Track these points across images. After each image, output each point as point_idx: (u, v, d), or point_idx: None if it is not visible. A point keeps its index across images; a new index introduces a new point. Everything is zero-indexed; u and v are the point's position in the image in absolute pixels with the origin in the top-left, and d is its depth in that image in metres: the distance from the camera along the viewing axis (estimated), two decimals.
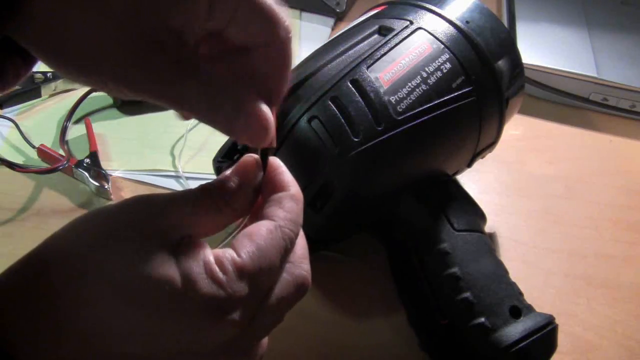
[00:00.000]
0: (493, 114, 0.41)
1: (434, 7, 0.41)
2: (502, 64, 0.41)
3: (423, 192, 0.40)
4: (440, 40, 0.40)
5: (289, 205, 0.26)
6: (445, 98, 0.38)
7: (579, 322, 0.43)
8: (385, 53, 0.38)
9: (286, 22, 0.26)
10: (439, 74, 0.38)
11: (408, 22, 0.40)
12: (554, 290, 0.45)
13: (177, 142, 0.54)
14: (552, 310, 0.37)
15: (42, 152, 0.51)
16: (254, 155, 0.27)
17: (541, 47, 0.64)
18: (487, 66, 0.40)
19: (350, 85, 0.37)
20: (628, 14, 0.71)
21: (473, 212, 0.40)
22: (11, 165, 0.49)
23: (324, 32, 0.72)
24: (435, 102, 0.38)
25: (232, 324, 0.23)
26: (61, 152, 0.52)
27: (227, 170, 0.27)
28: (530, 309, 0.36)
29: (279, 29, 0.26)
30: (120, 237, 0.23)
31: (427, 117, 0.38)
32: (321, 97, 0.37)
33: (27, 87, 0.56)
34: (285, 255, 0.26)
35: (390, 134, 0.36)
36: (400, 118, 0.37)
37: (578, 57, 0.63)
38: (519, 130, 0.59)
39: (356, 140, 0.36)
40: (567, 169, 0.56)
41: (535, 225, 0.50)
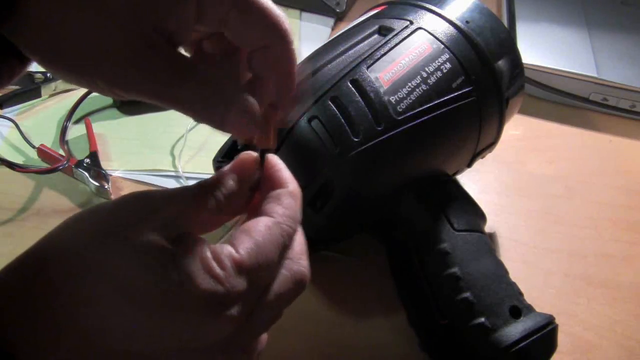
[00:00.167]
0: (493, 114, 0.41)
1: (434, 7, 0.41)
2: (502, 64, 0.41)
3: (423, 192, 0.40)
4: (440, 40, 0.40)
5: (287, 202, 0.26)
6: (445, 98, 0.38)
7: (579, 322, 0.43)
8: (385, 53, 0.38)
9: (284, 26, 0.26)
10: (439, 74, 0.38)
11: (408, 22, 0.40)
12: (553, 290, 0.45)
13: (177, 142, 0.54)
14: (552, 310, 0.37)
15: (42, 152, 0.51)
16: (252, 153, 0.27)
17: (541, 47, 0.64)
18: (487, 66, 0.40)
19: (350, 85, 0.37)
20: (628, 14, 0.71)
21: (473, 212, 0.40)
22: (11, 165, 0.49)
23: (324, 32, 0.72)
24: (435, 102, 0.38)
25: (231, 319, 0.23)
26: (61, 152, 0.52)
27: (225, 167, 0.27)
28: (530, 309, 0.36)
29: (276, 33, 0.26)
30: (119, 235, 0.23)
31: (427, 117, 0.38)
32: (321, 97, 0.37)
33: (27, 87, 0.56)
34: (284, 251, 0.26)
35: (390, 134, 0.36)
36: (400, 118, 0.37)
37: (578, 57, 0.63)
38: (519, 130, 0.59)
39: (356, 140, 0.36)
40: (567, 169, 0.56)
41: (535, 225, 0.50)
